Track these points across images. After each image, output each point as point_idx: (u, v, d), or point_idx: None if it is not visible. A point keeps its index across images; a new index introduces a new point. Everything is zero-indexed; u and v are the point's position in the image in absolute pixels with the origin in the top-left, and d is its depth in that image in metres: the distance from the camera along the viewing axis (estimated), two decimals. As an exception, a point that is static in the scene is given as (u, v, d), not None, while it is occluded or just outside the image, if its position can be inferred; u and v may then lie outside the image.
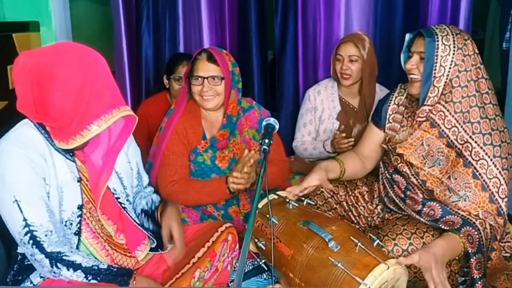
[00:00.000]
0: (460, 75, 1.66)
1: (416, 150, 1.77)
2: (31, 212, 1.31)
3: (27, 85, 1.32)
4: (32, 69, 1.30)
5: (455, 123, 1.69)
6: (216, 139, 2.11)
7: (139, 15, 3.08)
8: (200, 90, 2.05)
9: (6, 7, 2.53)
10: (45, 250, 1.32)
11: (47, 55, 1.32)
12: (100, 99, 1.31)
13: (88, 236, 1.45)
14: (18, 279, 1.42)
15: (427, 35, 1.67)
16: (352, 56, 2.45)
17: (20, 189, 1.31)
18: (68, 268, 1.34)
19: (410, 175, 1.79)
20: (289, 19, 2.93)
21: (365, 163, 1.99)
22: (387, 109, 1.92)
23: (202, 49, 2.13)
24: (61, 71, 1.28)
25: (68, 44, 1.37)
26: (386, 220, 1.93)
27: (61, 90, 1.28)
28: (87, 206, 1.46)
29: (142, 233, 1.58)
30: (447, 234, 1.60)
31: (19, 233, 1.31)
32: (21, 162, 1.32)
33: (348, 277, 1.39)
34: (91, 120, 1.30)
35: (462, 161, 1.68)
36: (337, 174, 1.91)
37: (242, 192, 2.16)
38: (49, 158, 1.38)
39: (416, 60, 1.72)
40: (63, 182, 1.40)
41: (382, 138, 1.94)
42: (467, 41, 1.67)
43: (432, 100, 1.69)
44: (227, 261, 1.72)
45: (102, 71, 1.33)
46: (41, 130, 1.40)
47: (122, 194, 1.55)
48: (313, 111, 2.63)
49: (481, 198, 1.65)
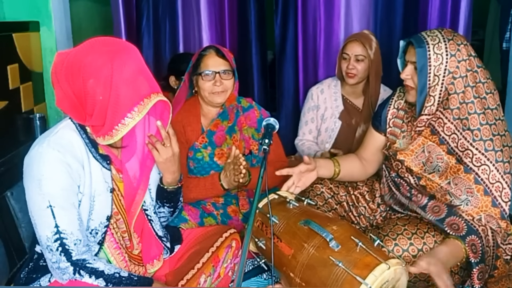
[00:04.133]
0: (455, 82, 1.63)
1: (417, 157, 1.76)
2: (64, 219, 1.30)
3: (63, 81, 1.31)
4: (66, 64, 1.31)
5: (454, 130, 1.67)
6: (212, 131, 2.11)
7: (139, 15, 3.08)
8: (212, 86, 2.04)
9: (6, 7, 2.53)
10: (71, 259, 1.31)
11: (78, 48, 1.34)
12: (132, 86, 1.30)
13: (110, 246, 1.44)
14: (32, 277, 1.41)
15: (418, 45, 1.63)
16: (359, 56, 2.45)
17: (55, 195, 1.30)
18: (90, 275, 1.33)
19: (411, 181, 1.78)
20: (289, 19, 2.93)
21: (365, 166, 1.98)
22: (387, 113, 1.90)
23: (207, 46, 2.14)
24: (91, 58, 1.28)
25: (98, 38, 1.37)
26: (387, 220, 1.93)
27: (92, 77, 1.28)
28: (115, 217, 1.46)
29: (160, 247, 1.58)
30: (450, 240, 1.59)
31: (48, 238, 1.30)
32: (60, 167, 1.30)
33: (349, 276, 1.38)
34: (124, 112, 1.30)
35: (463, 168, 1.66)
36: (330, 172, 1.90)
37: (241, 192, 2.16)
38: (87, 165, 1.37)
39: (410, 70, 1.70)
40: (96, 192, 1.39)
41: (383, 142, 1.93)
42: (461, 45, 1.63)
43: (429, 110, 1.67)
44: (230, 267, 1.72)
45: (133, 59, 1.33)
46: (82, 134, 1.39)
47: (150, 206, 1.55)
48: (315, 109, 2.63)
49: (484, 202, 1.63)
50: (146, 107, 1.32)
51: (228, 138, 2.14)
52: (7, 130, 2.22)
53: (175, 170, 1.53)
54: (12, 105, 2.28)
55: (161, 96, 1.37)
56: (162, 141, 1.48)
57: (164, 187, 1.57)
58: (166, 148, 1.48)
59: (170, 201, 1.60)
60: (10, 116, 2.27)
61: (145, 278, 1.44)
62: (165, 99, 1.39)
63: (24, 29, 2.44)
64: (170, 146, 1.49)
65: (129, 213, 1.46)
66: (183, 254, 1.67)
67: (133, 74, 1.31)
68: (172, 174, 1.54)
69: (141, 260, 1.55)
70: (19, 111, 2.36)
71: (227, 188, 2.04)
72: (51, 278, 1.39)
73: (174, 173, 1.54)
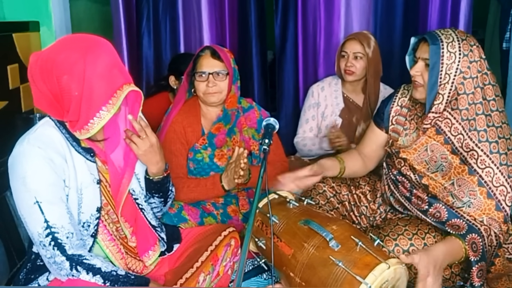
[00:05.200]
0: (465, 82, 1.63)
1: (420, 155, 1.75)
2: (53, 214, 1.31)
3: (38, 80, 1.32)
4: (39, 63, 1.32)
5: (461, 131, 1.67)
6: (213, 134, 2.11)
7: (139, 15, 3.08)
8: (205, 87, 2.05)
9: (6, 7, 2.53)
10: (66, 253, 1.31)
11: (51, 47, 1.35)
12: (106, 80, 1.31)
13: (104, 238, 1.44)
14: (31, 278, 1.41)
15: (432, 42, 1.63)
16: (357, 54, 2.46)
17: (41, 190, 1.30)
18: (88, 272, 1.32)
19: (413, 178, 1.78)
20: (289, 19, 2.94)
21: (366, 162, 1.99)
22: (390, 110, 1.90)
23: (204, 46, 2.14)
24: (63, 55, 1.29)
25: (70, 35, 1.40)
26: (388, 220, 1.92)
27: (66, 73, 1.28)
28: (106, 208, 1.46)
29: (154, 237, 1.58)
30: (450, 238, 1.59)
31: (39, 234, 1.30)
32: (42, 163, 1.31)
33: (349, 276, 1.38)
34: (99, 106, 1.30)
35: (467, 169, 1.66)
36: (336, 172, 1.91)
37: (240, 192, 2.16)
38: (69, 159, 1.38)
39: (421, 66, 1.70)
40: (83, 184, 1.40)
41: (384, 139, 1.93)
42: (473, 46, 1.64)
43: (437, 108, 1.66)
44: (229, 266, 1.72)
45: (105, 53, 1.33)
46: (62, 129, 1.39)
47: (140, 195, 1.55)
48: (316, 107, 2.64)
49: (487, 205, 1.63)
50: (119, 98, 1.33)
51: (228, 140, 2.14)
52: (7, 130, 2.22)
53: (158, 160, 1.53)
54: (12, 105, 2.28)
55: (133, 86, 1.37)
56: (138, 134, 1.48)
57: (150, 178, 1.57)
58: (143, 140, 1.48)
59: (158, 191, 1.60)
60: (10, 116, 2.27)
61: (142, 277, 1.44)
62: (137, 89, 1.39)
63: (24, 29, 2.44)
64: (146, 137, 1.49)
65: (116, 203, 1.46)
66: (182, 253, 1.67)
67: (106, 68, 1.31)
68: (155, 165, 1.54)
69: (137, 253, 1.54)
70: (19, 111, 2.36)
71: (227, 189, 2.04)
72: (49, 276, 1.39)
73: (157, 163, 1.54)
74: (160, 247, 1.61)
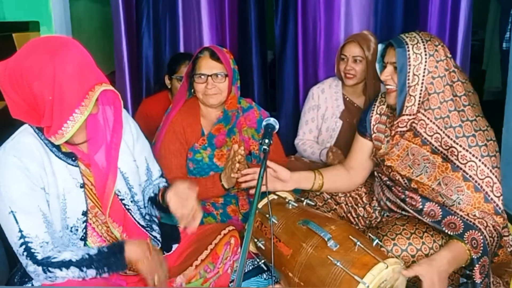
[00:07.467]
0: (434, 82, 1.66)
1: (403, 161, 1.77)
2: (27, 224, 1.30)
3: (9, 90, 1.29)
4: (7, 72, 1.28)
5: (436, 130, 1.68)
6: (213, 135, 2.11)
7: (139, 15, 3.08)
8: (204, 88, 2.05)
9: (6, 7, 2.54)
10: (36, 259, 1.30)
11: (17, 54, 1.31)
12: (77, 81, 1.27)
13: (94, 240, 1.44)
14: (25, 281, 1.41)
15: (397, 45, 1.67)
16: (357, 57, 2.45)
17: (15, 200, 1.29)
18: (60, 269, 1.31)
19: (403, 183, 1.79)
20: (289, 19, 2.93)
21: (353, 176, 1.98)
22: (371, 119, 1.91)
23: (203, 47, 2.13)
24: (31, 60, 1.26)
25: (35, 38, 1.35)
26: (386, 220, 1.93)
27: (36, 79, 1.25)
28: (93, 211, 1.45)
29: (145, 236, 1.57)
30: (453, 242, 1.60)
31: (15, 244, 1.31)
32: (17, 172, 1.30)
33: (347, 276, 1.39)
34: (72, 108, 1.27)
35: (450, 166, 1.67)
36: (309, 185, 1.91)
37: (240, 192, 2.17)
38: (48, 166, 1.36)
39: (390, 71, 1.73)
40: (65, 190, 1.39)
41: (370, 148, 1.93)
42: (438, 46, 1.67)
43: (410, 110, 1.69)
44: (229, 264, 1.71)
45: (74, 54, 1.30)
46: (41, 135, 1.37)
47: (126, 195, 1.53)
48: (316, 109, 2.63)
49: (476, 199, 1.64)
50: (91, 100, 1.29)
51: (228, 141, 2.14)
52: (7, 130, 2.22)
53: None
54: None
55: (105, 86, 1.33)
56: None
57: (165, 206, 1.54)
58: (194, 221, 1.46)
59: (165, 210, 1.59)
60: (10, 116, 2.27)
61: (115, 244, 1.40)
62: (111, 88, 1.35)
63: (24, 29, 2.45)
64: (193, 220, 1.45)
65: (103, 205, 1.45)
66: (182, 252, 1.67)
67: (76, 69, 1.28)
68: None
69: None
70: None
71: (227, 188, 2.04)
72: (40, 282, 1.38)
73: None
74: None
